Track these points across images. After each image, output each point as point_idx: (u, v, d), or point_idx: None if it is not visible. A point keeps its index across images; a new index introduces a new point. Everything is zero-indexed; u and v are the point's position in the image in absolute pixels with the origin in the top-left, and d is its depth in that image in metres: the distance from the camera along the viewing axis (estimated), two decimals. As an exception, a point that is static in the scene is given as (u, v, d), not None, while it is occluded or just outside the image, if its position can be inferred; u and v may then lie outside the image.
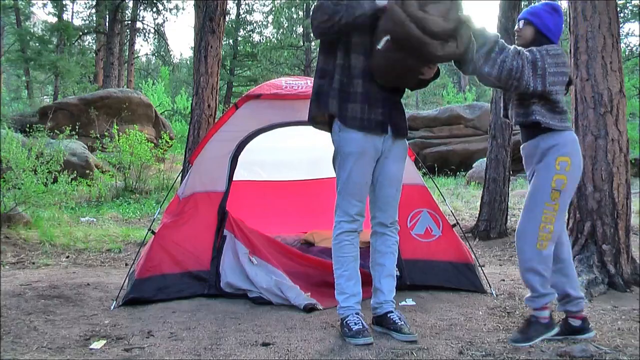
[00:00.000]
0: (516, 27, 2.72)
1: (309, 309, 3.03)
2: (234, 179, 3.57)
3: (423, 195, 3.61)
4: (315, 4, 2.55)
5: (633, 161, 12.89)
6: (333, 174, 4.40)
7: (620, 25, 6.28)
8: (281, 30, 26.22)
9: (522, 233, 2.51)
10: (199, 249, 3.35)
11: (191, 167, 3.62)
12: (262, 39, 26.97)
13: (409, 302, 3.20)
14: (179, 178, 5.06)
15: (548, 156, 2.48)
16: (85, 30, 23.07)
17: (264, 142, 3.94)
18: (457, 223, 3.84)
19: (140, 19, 24.79)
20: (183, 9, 28.48)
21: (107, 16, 21.31)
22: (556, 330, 2.52)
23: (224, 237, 3.41)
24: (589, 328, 2.57)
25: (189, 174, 3.57)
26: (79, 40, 23.08)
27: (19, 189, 5.95)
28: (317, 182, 4.74)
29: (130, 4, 23.21)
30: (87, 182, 8.01)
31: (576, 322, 2.56)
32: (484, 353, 2.33)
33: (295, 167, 4.77)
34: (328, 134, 3.77)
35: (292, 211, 4.62)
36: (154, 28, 25.85)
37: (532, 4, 2.98)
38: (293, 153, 4.63)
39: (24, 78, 23.14)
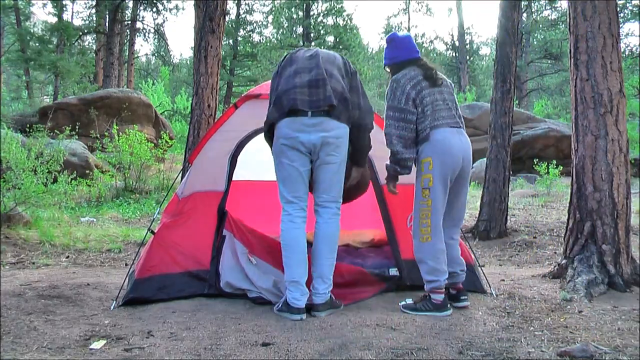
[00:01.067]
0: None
1: (308, 309, 3.03)
2: (233, 179, 3.57)
3: None
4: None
5: (633, 161, 12.90)
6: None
7: (620, 25, 6.28)
8: (281, 30, 26.26)
9: (413, 231, 3.08)
10: (199, 248, 3.35)
11: (190, 166, 3.62)
12: (262, 39, 27.01)
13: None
14: (179, 178, 5.05)
15: (417, 162, 3.02)
16: (85, 30, 23.07)
17: (264, 142, 3.93)
18: None
19: (140, 19, 24.82)
20: (183, 9, 28.59)
21: (107, 16, 21.32)
22: (448, 312, 2.95)
23: (224, 237, 3.41)
24: (464, 298, 3.12)
25: (189, 174, 3.57)
26: (79, 40, 23.08)
27: (19, 189, 5.96)
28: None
29: (130, 4, 23.22)
30: (87, 182, 8.02)
31: (453, 292, 3.14)
32: (484, 353, 2.33)
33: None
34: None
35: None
36: (154, 28, 25.89)
37: (532, 4, 3.11)
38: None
39: (24, 78, 23.14)
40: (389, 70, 3.24)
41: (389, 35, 3.26)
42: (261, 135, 3.66)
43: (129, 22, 23.82)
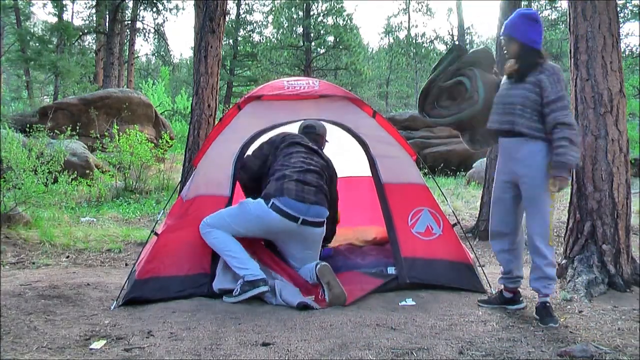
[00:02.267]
0: (502, 43, 2.98)
1: (302, 307, 3.04)
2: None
3: (424, 194, 3.62)
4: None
5: (633, 161, 12.88)
6: (338, 174, 4.33)
7: (620, 25, 6.26)
8: (281, 30, 26.23)
9: (546, 237, 2.91)
10: (201, 252, 3.34)
11: (195, 169, 3.60)
12: (262, 39, 26.99)
13: (409, 302, 3.20)
14: (179, 179, 5.05)
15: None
16: (85, 30, 23.07)
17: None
18: (458, 222, 3.84)
19: (140, 19, 24.80)
20: (183, 9, 28.58)
21: (107, 16, 21.30)
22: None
23: None
24: (519, 300, 3.11)
25: (193, 176, 3.55)
26: (79, 40, 23.07)
27: (19, 189, 5.95)
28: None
29: (130, 4, 23.21)
30: (87, 182, 8.00)
31: (508, 295, 3.11)
32: (484, 353, 2.33)
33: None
34: (335, 131, 3.80)
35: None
36: (154, 28, 25.87)
37: (532, 4, 3.07)
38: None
39: (24, 78, 23.13)
40: (518, 50, 2.93)
41: (533, 13, 2.93)
42: (264, 136, 3.68)
43: (129, 22, 23.80)
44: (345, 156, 4.33)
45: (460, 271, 3.49)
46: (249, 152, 3.60)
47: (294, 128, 3.88)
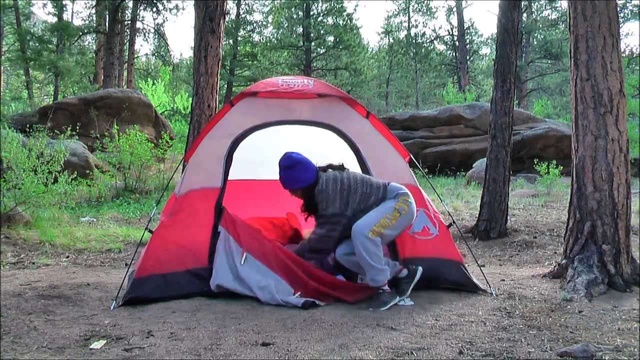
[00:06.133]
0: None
1: (309, 305, 3.03)
2: (229, 177, 3.57)
3: (417, 196, 3.60)
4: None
5: (633, 161, 12.89)
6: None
7: (620, 25, 6.27)
8: (281, 30, 26.24)
9: None
10: (197, 246, 3.35)
11: (187, 165, 3.62)
12: (262, 39, 26.99)
13: (408, 302, 3.20)
14: (176, 177, 5.05)
15: None
16: (85, 30, 23.03)
17: (259, 140, 3.94)
18: (453, 222, 3.83)
19: (140, 19, 24.78)
20: (183, 9, 28.58)
21: (107, 16, 21.28)
22: None
23: (218, 234, 3.40)
24: None
25: (185, 172, 3.58)
26: (79, 40, 23.05)
27: (19, 189, 5.95)
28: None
29: (130, 4, 23.19)
30: (87, 182, 8.01)
31: None
32: (484, 353, 2.33)
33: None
34: (327, 134, 3.79)
35: (289, 209, 4.59)
36: (154, 28, 25.87)
37: (532, 4, 3.07)
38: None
39: (24, 78, 23.12)
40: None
41: (284, 160, 3.34)
42: (258, 133, 3.67)
43: (129, 22, 23.79)
44: (329, 157, 4.32)
45: (459, 270, 3.50)
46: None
47: (286, 127, 3.86)
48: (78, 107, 13.01)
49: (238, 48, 25.57)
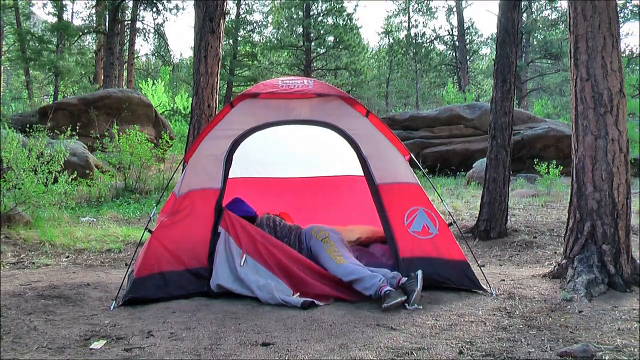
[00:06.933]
0: None
1: (308, 305, 3.03)
2: (230, 176, 3.58)
3: (418, 194, 3.60)
4: None
5: (633, 161, 12.88)
6: (328, 172, 4.33)
7: (620, 25, 6.27)
8: (281, 30, 26.23)
9: None
10: (197, 246, 3.36)
11: (187, 165, 3.62)
12: (262, 39, 26.98)
13: (417, 307, 3.18)
14: (176, 178, 5.06)
15: None
16: (85, 30, 23.03)
17: (260, 140, 3.94)
18: (454, 222, 3.83)
19: (140, 19, 24.78)
20: (183, 9, 28.54)
21: (107, 16, 21.27)
22: None
23: (218, 234, 3.41)
24: None
25: (185, 172, 3.59)
26: (79, 40, 23.05)
27: (19, 189, 5.95)
28: (312, 180, 4.74)
29: (130, 4, 23.18)
30: (87, 182, 8.01)
31: None
32: (484, 353, 2.33)
33: (290, 165, 4.76)
34: (327, 133, 3.79)
35: (288, 209, 4.60)
36: (154, 28, 25.88)
37: (532, 4, 3.07)
38: (288, 151, 4.62)
39: (24, 78, 23.12)
40: None
41: None
42: (258, 134, 3.68)
43: (129, 22, 23.78)
44: (329, 156, 4.32)
45: (459, 270, 3.49)
46: None
47: (285, 128, 3.87)
48: (78, 107, 13.01)
49: (238, 48, 25.56)
